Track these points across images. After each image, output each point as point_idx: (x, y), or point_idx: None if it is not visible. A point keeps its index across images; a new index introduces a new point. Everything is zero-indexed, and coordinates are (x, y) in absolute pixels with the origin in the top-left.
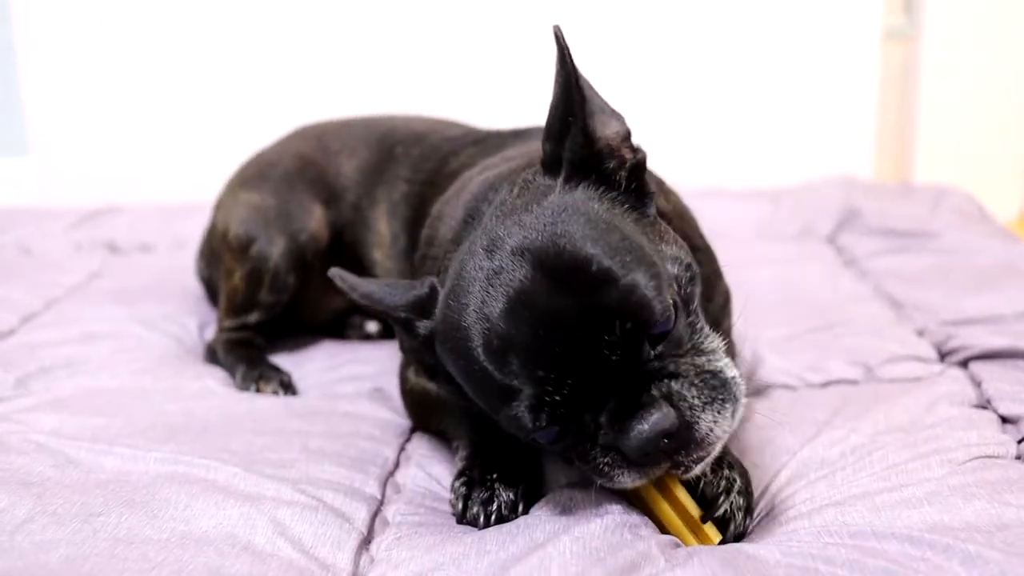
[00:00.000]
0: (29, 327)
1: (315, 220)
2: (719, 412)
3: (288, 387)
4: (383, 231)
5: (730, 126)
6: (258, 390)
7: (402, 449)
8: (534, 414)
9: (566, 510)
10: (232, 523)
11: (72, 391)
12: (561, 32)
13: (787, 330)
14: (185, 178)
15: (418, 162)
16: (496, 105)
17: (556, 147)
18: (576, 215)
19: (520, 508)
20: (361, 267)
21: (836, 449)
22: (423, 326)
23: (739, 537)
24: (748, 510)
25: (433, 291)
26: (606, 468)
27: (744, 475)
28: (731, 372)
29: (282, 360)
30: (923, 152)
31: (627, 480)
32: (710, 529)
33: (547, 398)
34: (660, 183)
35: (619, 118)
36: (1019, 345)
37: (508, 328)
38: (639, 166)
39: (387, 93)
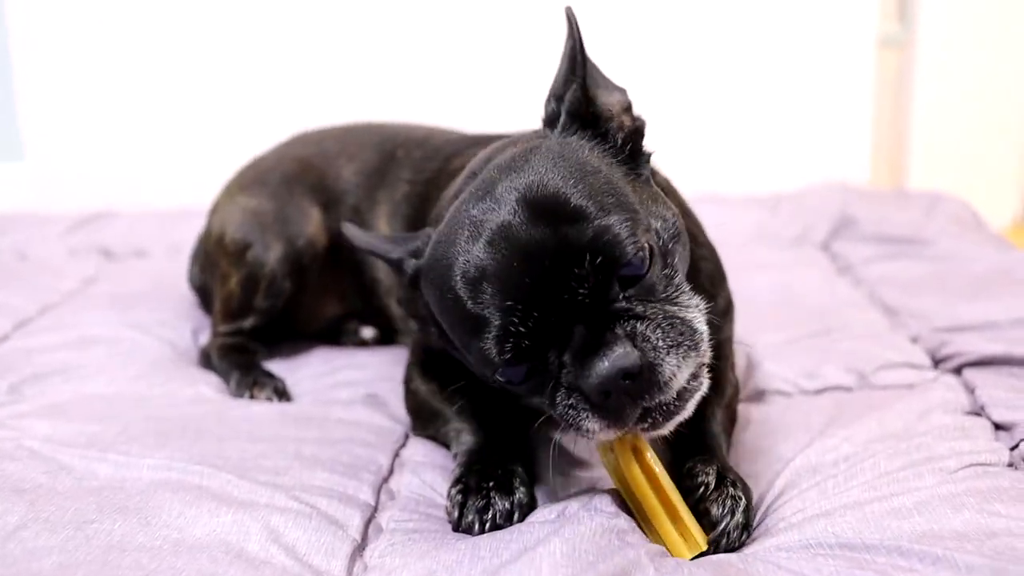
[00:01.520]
0: (23, 332)
1: (313, 224)
2: (683, 358)
3: (282, 394)
4: (384, 233)
5: (726, 132)
6: (252, 396)
7: (396, 456)
8: (499, 345)
9: (559, 518)
10: (226, 530)
11: (66, 397)
12: (572, 12)
13: (782, 336)
14: (180, 183)
15: (420, 163)
16: (494, 111)
17: (557, 104)
18: (565, 158)
19: (515, 517)
20: (360, 270)
21: (829, 457)
22: (411, 264)
23: (730, 550)
24: (746, 527)
25: (428, 239)
26: (571, 412)
27: (747, 493)
28: (701, 325)
29: (277, 366)
30: (918, 159)
31: (592, 425)
32: (698, 533)
33: (512, 328)
34: (667, 181)
35: (621, 91)
36: (1013, 352)
37: (485, 258)
38: (637, 131)
39: (385, 100)
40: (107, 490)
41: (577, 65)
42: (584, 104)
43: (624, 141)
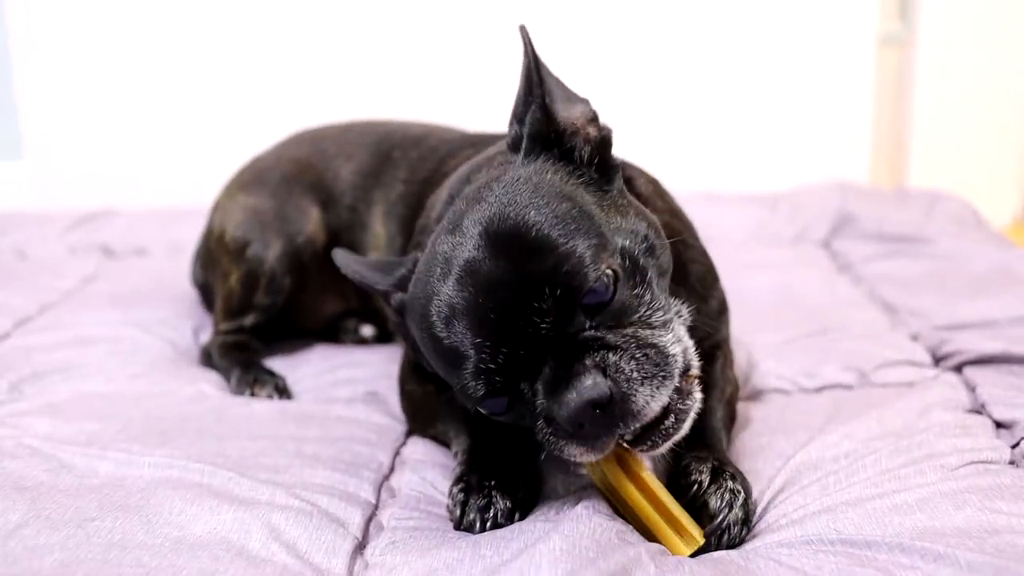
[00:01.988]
0: (23, 331)
1: (312, 223)
2: (657, 388)
3: (283, 391)
4: (379, 232)
5: (726, 131)
6: (253, 394)
7: (397, 453)
8: (475, 381)
9: (559, 516)
10: (226, 528)
11: (66, 395)
12: (526, 30)
13: (782, 335)
14: (180, 182)
15: (415, 163)
16: (489, 109)
17: (519, 127)
18: (527, 185)
19: (516, 516)
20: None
21: (829, 454)
22: (396, 298)
23: (731, 546)
24: (746, 521)
25: (412, 267)
26: (552, 439)
27: (746, 486)
28: (674, 349)
29: (276, 364)
30: (918, 157)
31: (573, 452)
32: (693, 528)
33: (483, 365)
34: (654, 182)
35: (584, 101)
36: (1013, 350)
37: (454, 296)
38: (604, 142)
39: (384, 98)
40: (108, 488)
41: (534, 84)
42: (545, 124)
43: (591, 155)
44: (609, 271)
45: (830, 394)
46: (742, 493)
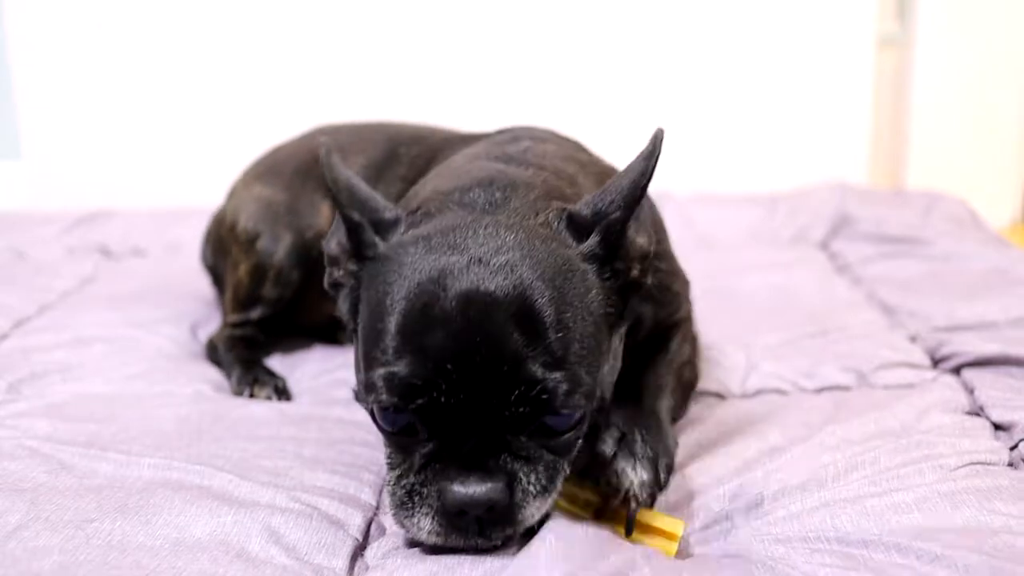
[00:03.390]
0: (22, 332)
1: (323, 217)
2: (543, 502)
3: (282, 392)
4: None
5: (724, 132)
6: (252, 395)
7: None
8: (388, 388)
9: (556, 521)
10: (226, 530)
11: (65, 396)
12: (662, 135)
13: (780, 335)
14: (178, 182)
15: (414, 160)
16: (496, 106)
17: (594, 217)
18: (575, 283)
19: None
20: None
21: (828, 452)
22: (375, 244)
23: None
24: (657, 483)
25: (398, 221)
26: (411, 500)
27: (657, 448)
28: (566, 469)
29: (275, 364)
30: (916, 158)
31: (423, 527)
32: (664, 523)
33: (416, 380)
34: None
35: (650, 236)
36: (1012, 352)
37: (441, 309)
38: (639, 285)
39: (384, 99)
40: (107, 489)
41: (639, 192)
42: (617, 235)
43: (625, 286)
44: (581, 414)
45: (829, 395)
46: (645, 459)
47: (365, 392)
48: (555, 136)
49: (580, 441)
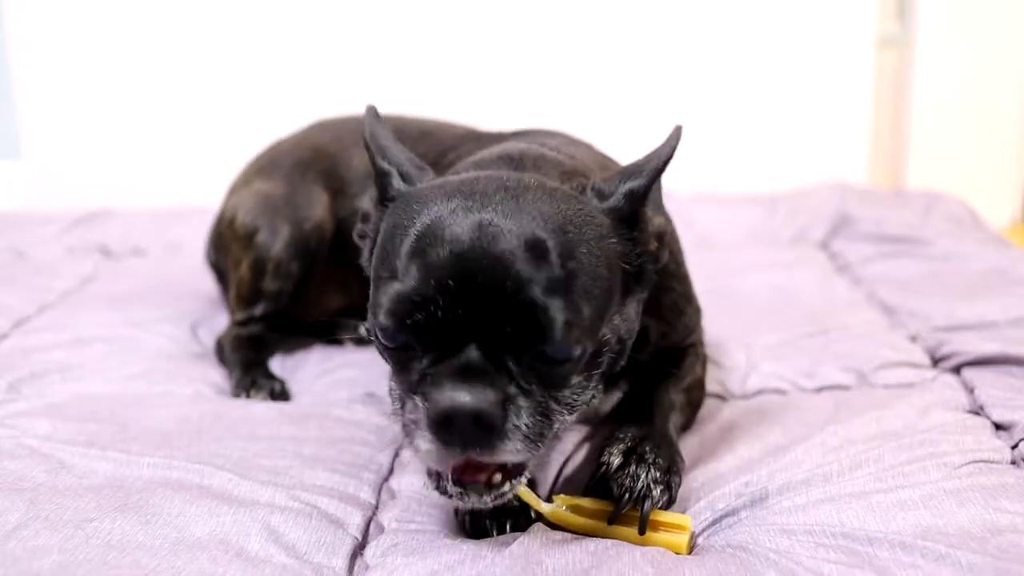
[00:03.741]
0: (22, 331)
1: (321, 210)
2: (530, 445)
3: (279, 396)
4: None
5: (725, 132)
6: (248, 397)
7: (396, 455)
8: (389, 304)
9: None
10: (225, 529)
11: (65, 396)
12: (681, 132)
13: (781, 335)
14: (178, 182)
15: (420, 157)
16: (501, 106)
17: (620, 182)
18: (592, 228)
19: (532, 514)
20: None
21: (831, 451)
22: (398, 184)
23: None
24: (668, 495)
25: (424, 171)
26: (409, 415)
27: (665, 461)
28: (560, 420)
29: (276, 364)
30: (916, 158)
31: (420, 442)
32: (673, 519)
33: (426, 295)
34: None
35: (667, 218)
36: (1011, 351)
37: (451, 233)
38: (656, 260)
39: (385, 98)
40: (107, 489)
41: (658, 168)
42: (639, 200)
43: (642, 255)
44: (579, 350)
45: (829, 395)
46: (656, 464)
47: (372, 315)
48: (573, 139)
49: (582, 393)
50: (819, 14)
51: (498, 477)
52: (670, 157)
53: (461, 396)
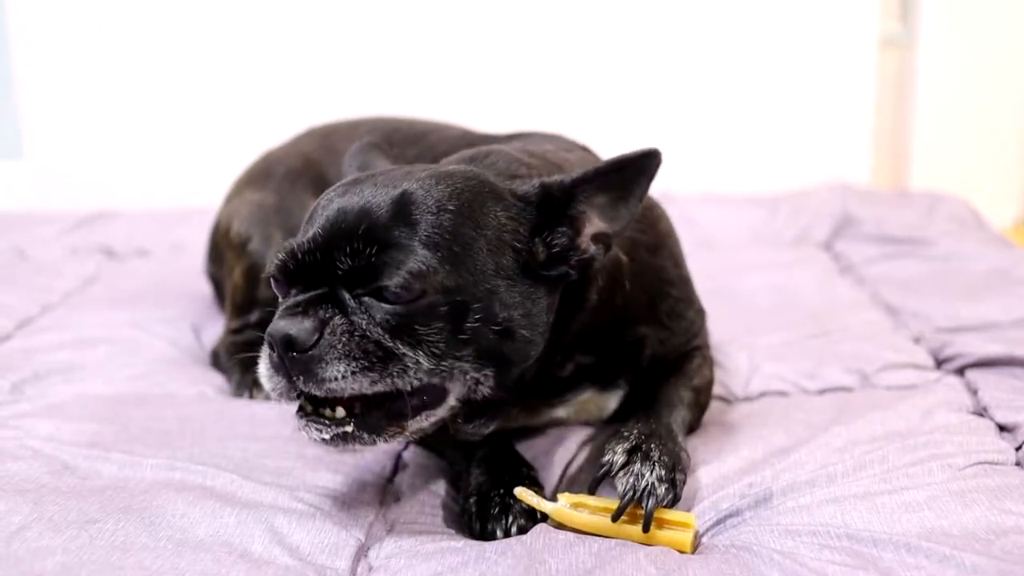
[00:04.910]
0: (25, 332)
1: None
2: (354, 375)
3: None
4: None
5: (727, 132)
6: (251, 397)
7: (399, 456)
8: (281, 253)
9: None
10: (229, 530)
11: (68, 397)
12: (660, 160)
13: (783, 336)
14: (182, 183)
15: (411, 162)
16: (498, 107)
17: (559, 190)
18: (486, 203)
19: (538, 516)
20: None
21: (835, 452)
22: None
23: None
24: (673, 492)
25: None
26: (262, 355)
27: (668, 460)
28: (406, 368)
29: None
30: (919, 159)
31: (262, 376)
32: (676, 517)
33: (291, 248)
34: (651, 208)
35: (616, 225)
36: (1015, 353)
37: (340, 193)
38: (585, 260)
39: (385, 98)
40: (110, 490)
41: (596, 173)
42: (560, 194)
43: (565, 249)
44: (416, 294)
45: (832, 396)
46: (660, 462)
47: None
48: (568, 143)
49: (436, 343)
50: (821, 15)
51: (340, 412)
52: (616, 167)
53: (278, 324)
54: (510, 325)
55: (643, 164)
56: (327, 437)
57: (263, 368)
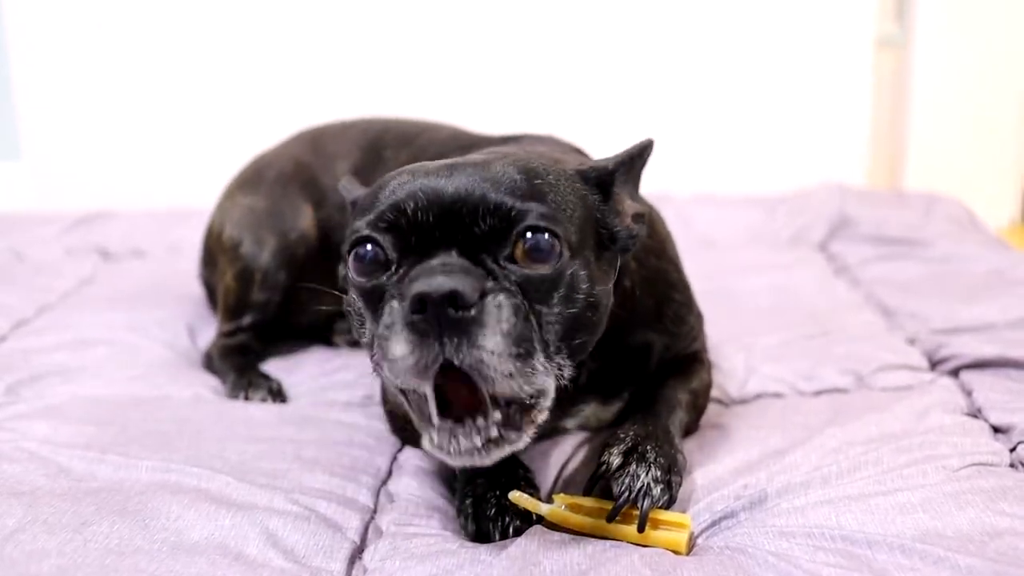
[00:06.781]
0: (21, 333)
1: (306, 220)
2: (512, 360)
3: (277, 395)
4: None
5: (723, 133)
6: (247, 398)
7: (394, 458)
8: (374, 216)
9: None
10: (224, 533)
11: (64, 398)
12: (652, 146)
13: (779, 337)
14: (179, 183)
15: (403, 164)
16: (493, 108)
17: (607, 166)
18: (570, 181)
19: (534, 516)
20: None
21: (830, 454)
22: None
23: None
24: (669, 495)
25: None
26: (385, 333)
27: (666, 461)
28: (542, 368)
29: (273, 368)
30: (915, 160)
31: (396, 350)
32: (671, 517)
33: (387, 214)
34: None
35: (645, 205)
36: (1010, 354)
37: (427, 170)
38: (631, 235)
39: (385, 98)
40: (105, 492)
41: (628, 158)
42: (609, 177)
43: (612, 224)
44: (558, 249)
45: (827, 398)
46: (656, 464)
47: (345, 244)
48: (562, 144)
49: (559, 320)
50: (818, 15)
51: (497, 416)
52: (636, 153)
53: (437, 279)
54: (600, 308)
55: (646, 154)
56: (478, 444)
57: (399, 347)
